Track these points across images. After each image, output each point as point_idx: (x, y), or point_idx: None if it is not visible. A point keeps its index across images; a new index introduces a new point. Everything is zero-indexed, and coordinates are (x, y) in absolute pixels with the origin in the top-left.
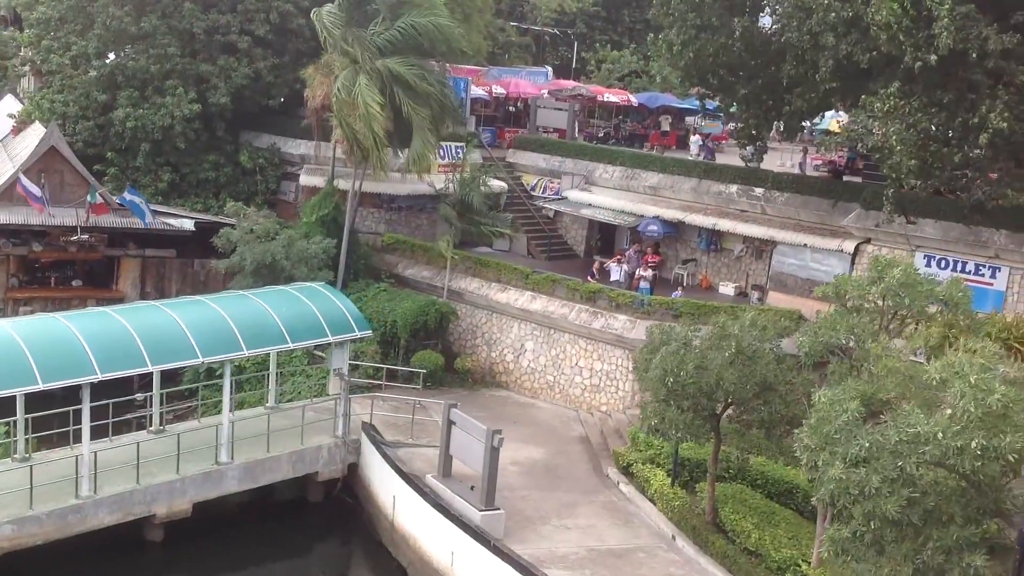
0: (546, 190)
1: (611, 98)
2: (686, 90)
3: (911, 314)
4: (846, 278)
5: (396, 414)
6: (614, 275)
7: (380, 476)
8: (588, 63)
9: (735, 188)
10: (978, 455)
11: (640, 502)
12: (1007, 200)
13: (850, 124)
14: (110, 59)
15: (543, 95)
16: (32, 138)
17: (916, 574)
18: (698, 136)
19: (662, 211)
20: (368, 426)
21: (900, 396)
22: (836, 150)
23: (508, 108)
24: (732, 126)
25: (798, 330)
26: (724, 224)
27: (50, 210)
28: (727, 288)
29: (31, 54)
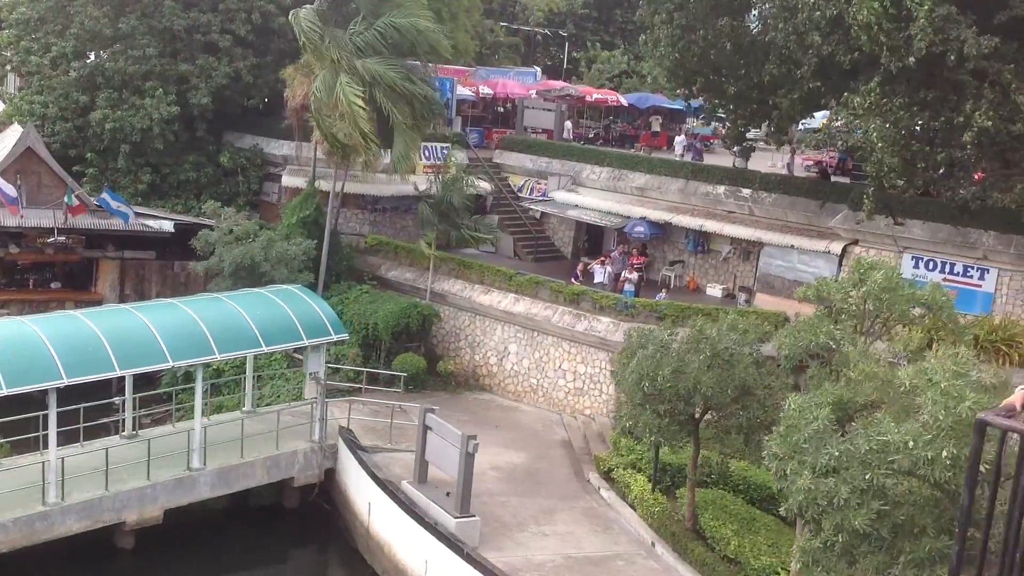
0: (533, 191)
1: (599, 97)
2: (675, 90)
3: (893, 318)
4: (827, 280)
5: (375, 418)
6: (598, 277)
7: (356, 482)
8: (580, 63)
9: (722, 189)
10: (949, 465)
11: (620, 508)
12: (993, 201)
13: (831, 122)
14: (90, 60)
15: (531, 95)
16: (10, 139)
17: None
18: (683, 137)
19: (649, 212)
20: (345, 430)
21: (878, 402)
22: (827, 150)
23: (496, 109)
24: (720, 126)
25: (778, 333)
26: (711, 225)
27: (23, 211)
28: (715, 290)
29: (10, 55)
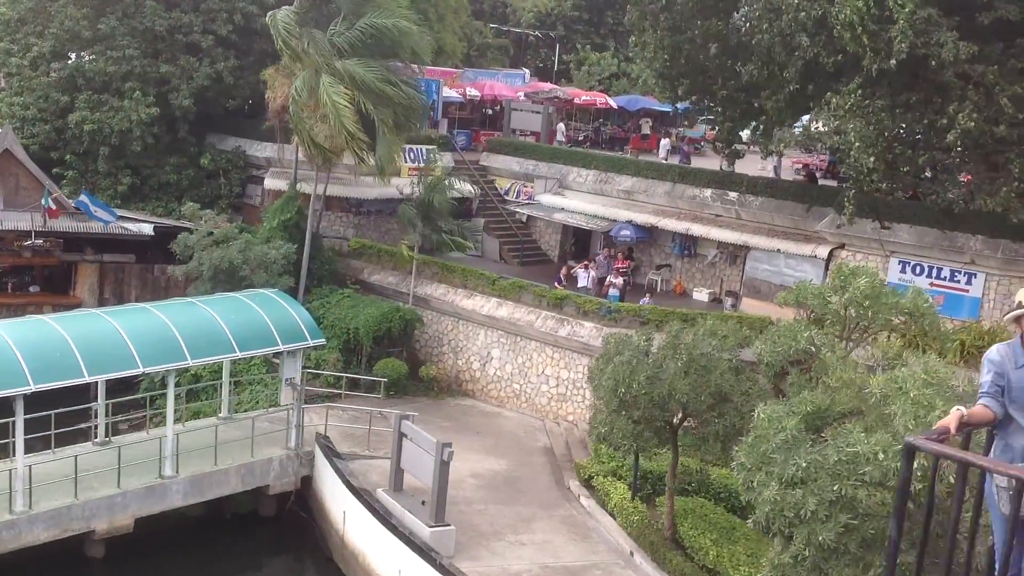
0: (520, 194)
1: (587, 100)
2: (665, 93)
3: (875, 325)
4: (807, 285)
5: (354, 424)
6: (581, 281)
7: (332, 489)
8: (571, 66)
9: (709, 192)
10: (920, 476)
11: (600, 516)
12: (978, 205)
13: (811, 124)
14: (71, 60)
15: (519, 98)
16: None
17: None
18: (667, 140)
19: (635, 215)
20: (322, 437)
21: (856, 411)
22: (816, 154)
23: (484, 111)
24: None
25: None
26: (697, 229)
27: (1, 214)
28: (701, 294)
29: None
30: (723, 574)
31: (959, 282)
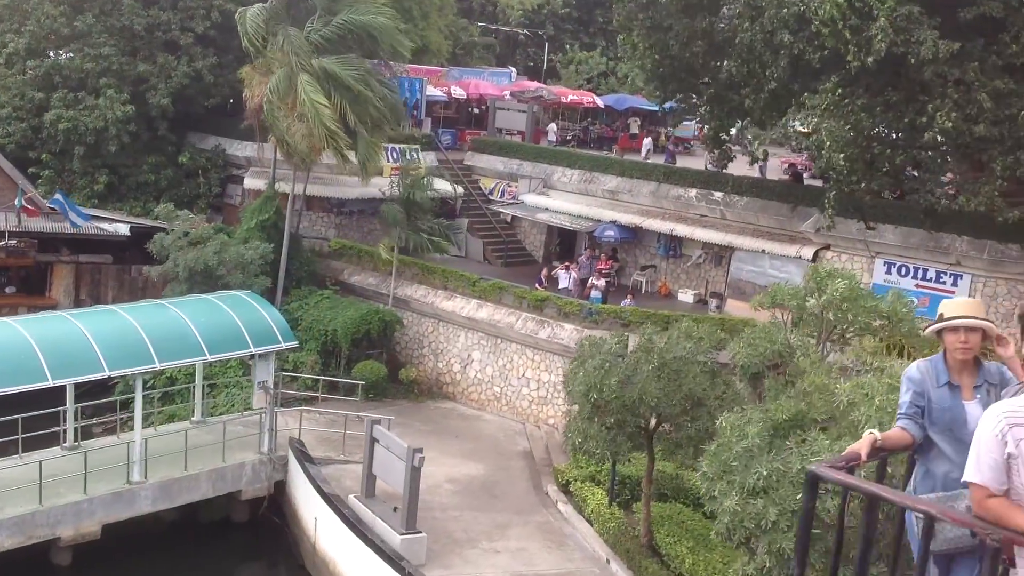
0: (504, 194)
1: (574, 99)
2: (654, 92)
3: (853, 328)
4: (783, 287)
5: (330, 428)
6: (562, 282)
7: (304, 495)
8: (558, 65)
9: (694, 192)
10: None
11: (577, 523)
12: (961, 204)
13: (787, 123)
14: (48, 59)
15: (505, 96)
16: None
17: None
18: (649, 139)
19: (619, 216)
20: (295, 442)
21: (831, 417)
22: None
23: (470, 110)
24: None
25: (734, 342)
26: (682, 229)
27: None
28: (686, 295)
29: None
30: None
31: (945, 283)
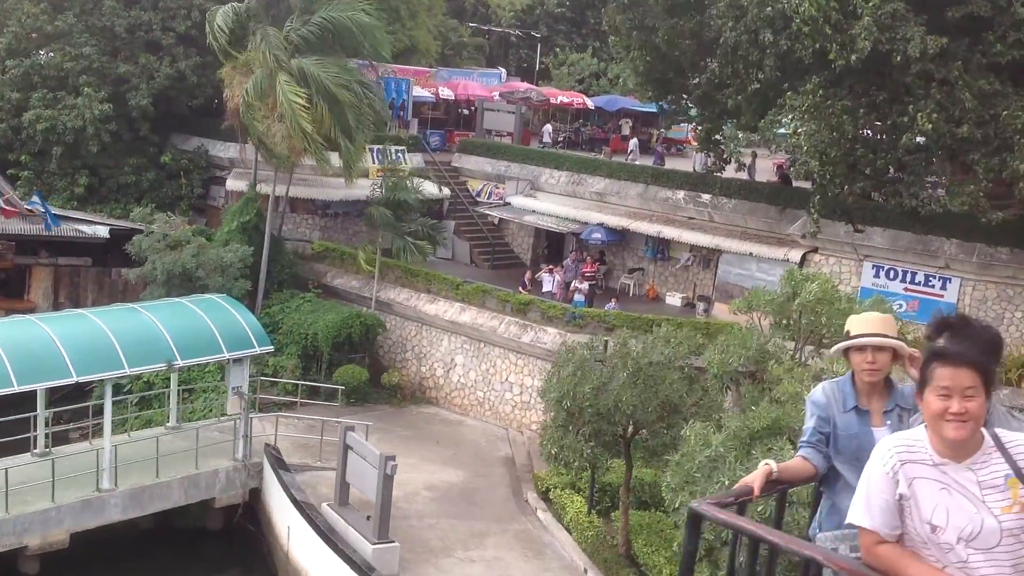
0: (491, 195)
1: (564, 100)
2: (645, 93)
3: (829, 333)
4: (759, 292)
5: (308, 435)
6: (546, 286)
7: (278, 503)
8: (550, 66)
9: (682, 194)
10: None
11: (556, 531)
12: (942, 205)
13: (767, 125)
14: (28, 60)
15: (494, 98)
16: None
17: None
18: (635, 139)
19: (607, 218)
20: (271, 448)
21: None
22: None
23: (460, 111)
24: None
25: (709, 348)
26: (669, 232)
27: None
28: (674, 299)
29: None
30: None
31: (934, 287)
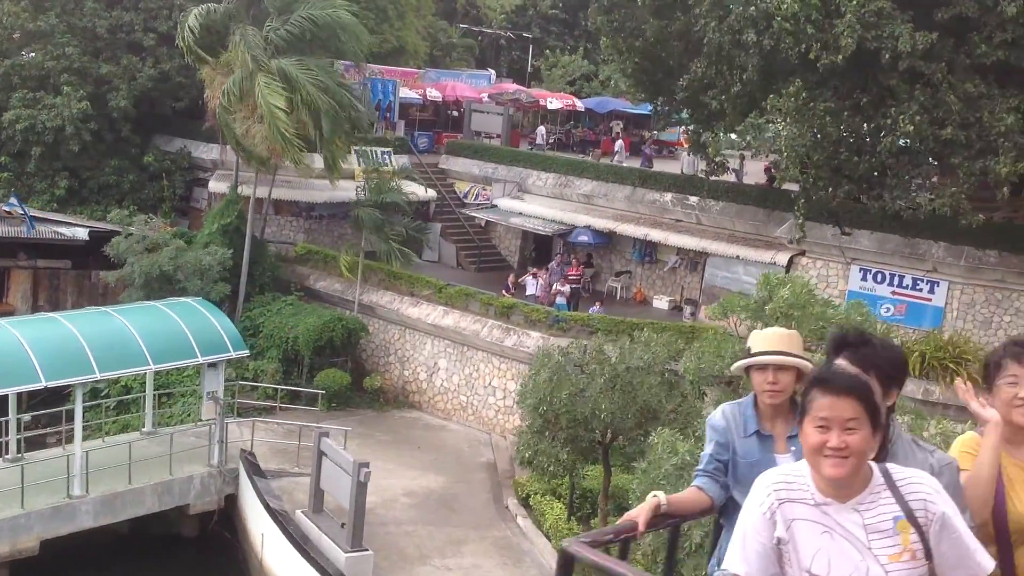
0: (479, 197)
1: (554, 103)
2: (636, 95)
3: (804, 338)
4: (734, 297)
5: (287, 440)
6: (530, 289)
7: (253, 510)
8: (541, 67)
9: (670, 196)
10: None
11: (535, 538)
12: (921, 207)
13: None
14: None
15: (483, 99)
16: None
17: None
18: (620, 141)
19: (594, 220)
20: (247, 454)
21: None
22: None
23: (449, 112)
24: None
25: (684, 354)
26: (656, 234)
27: None
28: (661, 302)
29: None
30: None
31: (921, 291)
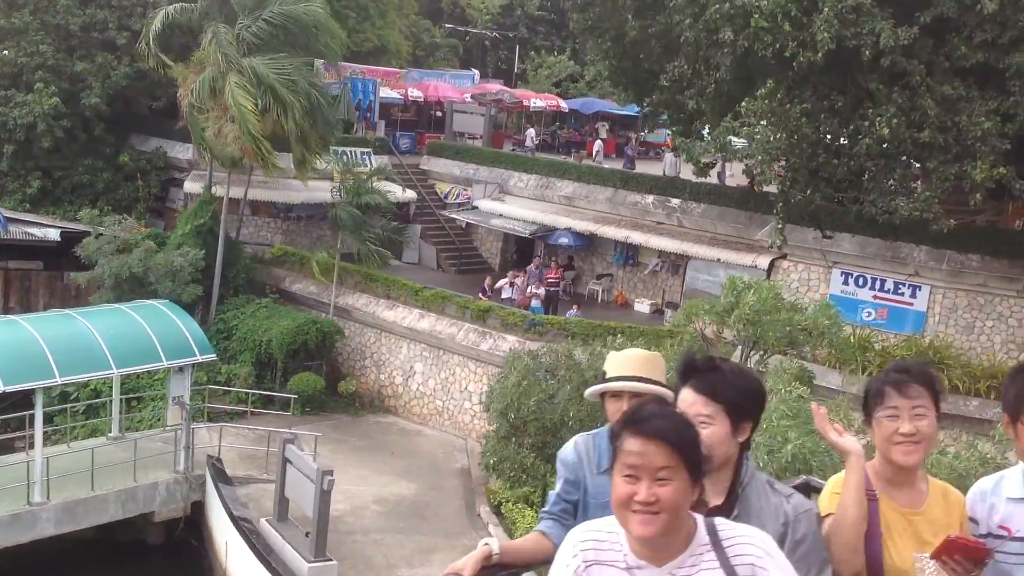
0: (459, 196)
1: (538, 103)
2: (622, 96)
3: (778, 344)
4: (698, 303)
5: (257, 446)
6: (505, 292)
7: (218, 518)
8: (527, 68)
9: (651, 199)
10: None
11: None
12: (894, 210)
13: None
14: None
15: (466, 99)
16: None
17: None
18: (599, 141)
19: (575, 223)
20: (213, 460)
21: None
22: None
23: (432, 113)
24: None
25: None
26: (637, 237)
27: None
28: (643, 305)
29: None
30: None
31: (903, 295)
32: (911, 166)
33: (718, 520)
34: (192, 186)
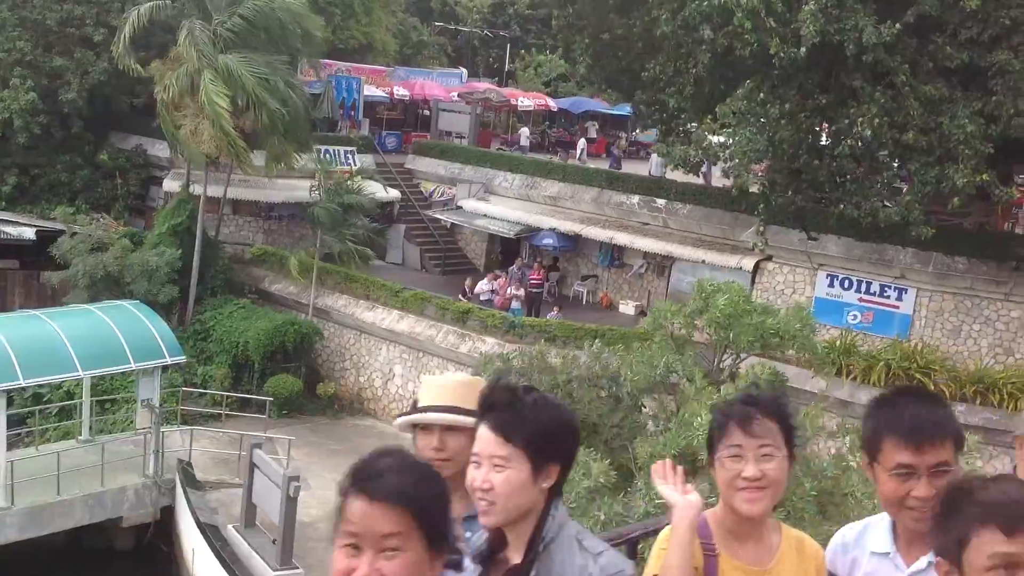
0: (444, 194)
1: (526, 102)
2: (611, 95)
3: (751, 349)
4: (668, 305)
5: (230, 450)
6: (484, 293)
7: (186, 523)
8: (517, 67)
9: (637, 199)
10: None
11: None
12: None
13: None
14: None
15: (453, 98)
16: None
17: None
18: (583, 140)
19: (560, 223)
20: (183, 464)
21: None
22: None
23: (419, 111)
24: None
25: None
26: (622, 238)
27: None
28: (628, 307)
29: None
30: None
31: (889, 297)
32: (893, 168)
33: None
34: (171, 184)
